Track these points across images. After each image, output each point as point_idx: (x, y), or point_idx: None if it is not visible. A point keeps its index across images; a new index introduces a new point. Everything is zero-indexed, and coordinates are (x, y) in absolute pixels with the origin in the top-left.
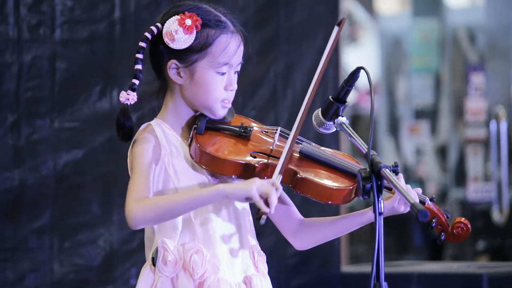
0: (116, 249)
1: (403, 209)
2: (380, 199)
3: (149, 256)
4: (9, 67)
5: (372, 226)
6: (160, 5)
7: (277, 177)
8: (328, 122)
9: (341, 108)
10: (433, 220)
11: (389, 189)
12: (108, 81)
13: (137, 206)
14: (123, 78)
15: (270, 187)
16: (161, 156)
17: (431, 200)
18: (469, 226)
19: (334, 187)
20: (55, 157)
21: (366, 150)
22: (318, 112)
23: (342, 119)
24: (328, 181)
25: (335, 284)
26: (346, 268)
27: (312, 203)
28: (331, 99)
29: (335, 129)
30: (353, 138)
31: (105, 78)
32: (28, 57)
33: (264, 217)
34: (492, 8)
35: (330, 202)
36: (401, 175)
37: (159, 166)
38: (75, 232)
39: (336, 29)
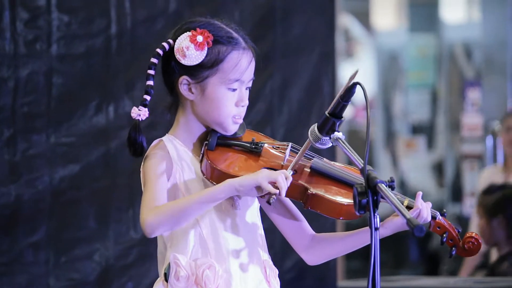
0: (112, 264)
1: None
2: (376, 214)
3: (161, 271)
4: (5, 82)
5: None
6: (156, 21)
7: (288, 170)
8: (324, 137)
9: (337, 123)
10: (444, 235)
11: (401, 203)
12: (105, 96)
13: (150, 213)
14: (119, 93)
15: (279, 173)
16: (172, 172)
17: (442, 215)
18: (480, 241)
19: (345, 203)
20: (51, 172)
21: (362, 165)
22: (314, 127)
23: (338, 134)
24: (339, 197)
25: None
26: (342, 283)
27: (307, 218)
28: (327, 115)
29: (331, 144)
30: (349, 153)
31: (101, 93)
32: (24, 72)
33: (273, 197)
34: (489, 24)
35: (341, 218)
36: (420, 193)
37: (170, 182)
38: (71, 247)
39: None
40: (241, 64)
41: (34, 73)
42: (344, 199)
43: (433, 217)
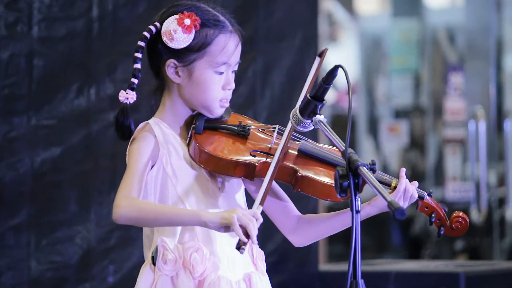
0: (94, 247)
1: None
2: (357, 197)
3: (148, 255)
4: None
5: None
6: (138, 4)
7: (257, 208)
8: (306, 120)
9: (319, 106)
10: (432, 215)
11: (388, 185)
12: (86, 78)
13: (125, 203)
14: (101, 76)
15: (251, 218)
16: (159, 155)
17: (429, 195)
18: (467, 220)
19: (333, 184)
20: (33, 154)
21: (344, 148)
22: (296, 110)
23: (320, 117)
24: (328, 178)
25: (313, 282)
26: (324, 266)
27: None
28: (309, 97)
29: (312, 127)
30: (331, 136)
31: (82, 75)
32: (5, 54)
33: (244, 247)
34: (472, 8)
35: (329, 199)
36: (403, 169)
37: (157, 166)
38: (52, 229)
39: (317, 60)
40: (228, 47)
41: (15, 55)
42: (332, 180)
43: (421, 197)
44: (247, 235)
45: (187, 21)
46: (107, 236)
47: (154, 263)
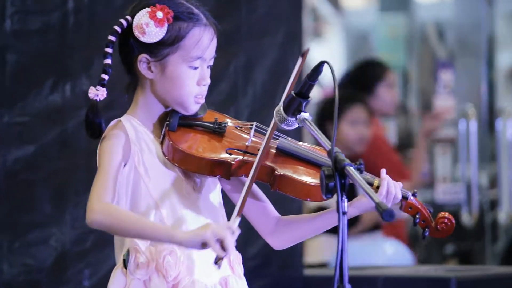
0: (69, 249)
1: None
2: (343, 198)
3: (119, 258)
4: None
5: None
6: None
7: (234, 220)
8: (290, 118)
9: (304, 104)
10: (417, 216)
11: (371, 185)
12: (61, 74)
13: (99, 208)
14: (76, 71)
15: (226, 230)
16: (131, 153)
17: (413, 195)
18: (453, 221)
19: (313, 184)
20: (5, 152)
21: (330, 147)
22: (280, 107)
23: (305, 115)
24: (307, 177)
25: (297, 287)
26: (309, 271)
27: (273, 201)
28: (293, 94)
29: (297, 125)
30: (316, 134)
31: (57, 71)
32: None
33: (221, 261)
34: (462, 3)
35: (308, 199)
36: (383, 170)
37: (129, 165)
38: (25, 231)
39: (299, 60)
40: (203, 41)
41: None
42: (312, 179)
43: (405, 197)
44: (224, 249)
45: (160, 14)
46: (83, 238)
47: (125, 266)
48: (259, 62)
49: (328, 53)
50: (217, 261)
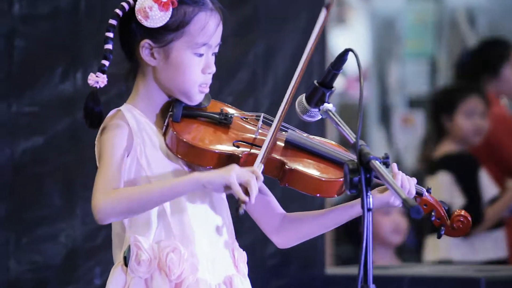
0: (79, 246)
1: (399, 203)
2: (369, 193)
3: (119, 255)
4: None
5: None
6: None
7: (258, 166)
8: (312, 109)
9: (327, 94)
10: (432, 213)
11: None
12: (72, 61)
13: (106, 198)
14: (88, 59)
15: (251, 175)
16: (133, 145)
17: (427, 191)
18: (469, 219)
19: (324, 179)
20: (13, 144)
21: (354, 140)
22: (302, 98)
23: (328, 105)
24: (317, 172)
25: (318, 286)
26: (331, 270)
27: (293, 198)
28: (317, 84)
29: (320, 116)
30: (340, 126)
31: (68, 58)
32: None
33: (243, 206)
34: None
35: (318, 194)
36: (394, 164)
37: (130, 157)
38: (33, 226)
39: (323, 12)
40: (209, 27)
41: None
42: (323, 174)
43: (420, 194)
44: (247, 193)
45: None
46: (94, 234)
47: (126, 264)
48: (279, 49)
49: (352, 40)
50: (239, 206)
